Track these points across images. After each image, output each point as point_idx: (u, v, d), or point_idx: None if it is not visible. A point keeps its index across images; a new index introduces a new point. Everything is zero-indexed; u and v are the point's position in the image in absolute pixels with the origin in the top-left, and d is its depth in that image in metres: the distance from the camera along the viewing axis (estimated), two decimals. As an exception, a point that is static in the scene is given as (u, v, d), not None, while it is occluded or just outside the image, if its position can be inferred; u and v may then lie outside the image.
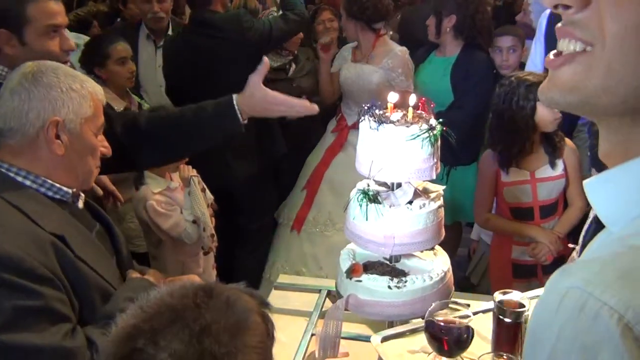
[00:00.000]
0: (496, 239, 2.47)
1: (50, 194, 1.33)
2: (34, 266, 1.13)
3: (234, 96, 1.69)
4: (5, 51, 1.72)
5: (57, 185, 1.34)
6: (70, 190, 1.36)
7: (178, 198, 2.36)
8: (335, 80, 3.10)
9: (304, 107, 1.73)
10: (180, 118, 1.75)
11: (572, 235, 2.18)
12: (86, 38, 3.11)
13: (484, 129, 2.50)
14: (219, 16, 2.73)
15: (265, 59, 1.74)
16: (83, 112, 1.33)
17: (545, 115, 2.10)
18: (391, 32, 3.24)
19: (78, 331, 1.19)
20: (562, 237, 2.21)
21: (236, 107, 1.68)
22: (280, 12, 2.94)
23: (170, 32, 3.19)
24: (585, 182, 0.60)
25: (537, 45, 2.80)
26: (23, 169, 1.30)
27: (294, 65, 3.36)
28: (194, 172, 2.44)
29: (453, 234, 2.91)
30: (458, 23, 2.82)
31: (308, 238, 3.02)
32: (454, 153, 2.69)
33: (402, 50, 2.92)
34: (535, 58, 2.82)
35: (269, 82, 1.93)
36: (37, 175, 1.31)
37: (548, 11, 2.66)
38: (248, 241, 3.00)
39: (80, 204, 1.44)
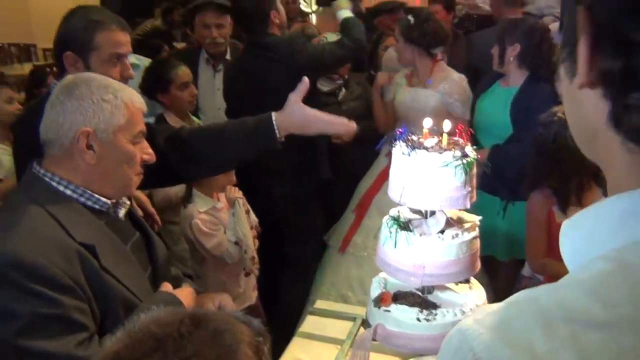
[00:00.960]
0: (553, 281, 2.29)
1: (89, 203, 1.37)
2: (57, 275, 1.17)
3: (273, 114, 1.73)
4: (70, 72, 1.83)
5: (96, 195, 1.37)
6: (108, 201, 1.40)
7: (223, 218, 2.40)
8: (390, 109, 3.09)
9: (342, 124, 1.74)
10: (221, 132, 1.80)
11: None
12: (141, 58, 3.25)
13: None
14: (273, 39, 2.78)
15: (305, 78, 1.77)
16: (115, 121, 1.35)
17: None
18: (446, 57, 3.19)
19: (94, 341, 1.21)
20: None
21: (274, 123, 1.71)
22: (338, 37, 2.94)
23: (228, 57, 3.29)
24: (563, 222, 0.59)
25: None
26: (64, 178, 1.35)
27: (343, 90, 3.37)
28: (239, 193, 2.48)
29: (509, 270, 2.78)
30: (522, 52, 2.72)
31: (356, 261, 2.98)
32: (511, 187, 2.59)
33: (460, 77, 2.87)
34: None
35: (319, 106, 1.96)
36: (77, 185, 1.35)
37: None
38: (292, 265, 3.00)
39: (122, 214, 1.47)
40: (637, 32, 0.47)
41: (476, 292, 1.47)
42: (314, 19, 5.95)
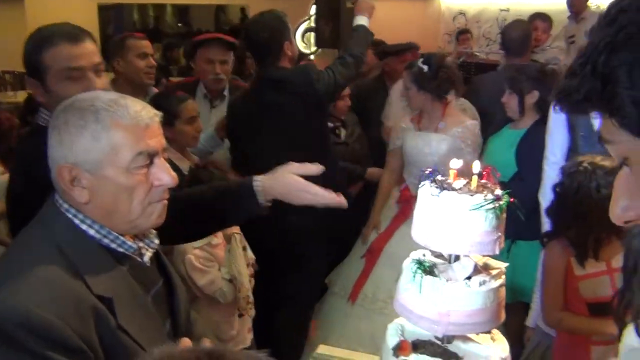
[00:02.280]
0: (566, 338, 2.18)
1: (113, 246, 1.20)
2: (69, 337, 1.03)
3: (257, 178, 1.59)
4: (39, 99, 1.75)
5: (122, 238, 1.21)
6: (135, 245, 1.24)
7: (219, 255, 2.32)
8: (398, 155, 3.04)
9: (332, 199, 1.58)
10: (201, 198, 1.65)
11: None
12: None
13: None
14: (287, 72, 2.75)
15: (319, 166, 1.61)
16: (99, 148, 1.15)
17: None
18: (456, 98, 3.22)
19: None
20: None
21: (257, 189, 1.57)
22: (338, 58, 2.89)
23: (225, 93, 3.23)
24: None
25: (556, 133, 2.61)
26: (89, 217, 1.19)
27: (343, 130, 3.36)
28: (237, 229, 2.40)
29: (515, 315, 2.71)
30: (541, 98, 2.78)
31: (367, 315, 2.88)
32: (516, 226, 2.55)
33: (473, 124, 2.89)
34: (555, 148, 2.62)
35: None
36: (102, 225, 1.19)
37: None
38: (290, 306, 2.88)
39: (147, 257, 1.29)
40: None
41: (500, 344, 1.39)
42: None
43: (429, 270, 1.30)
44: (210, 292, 2.28)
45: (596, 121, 2.43)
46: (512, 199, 1.27)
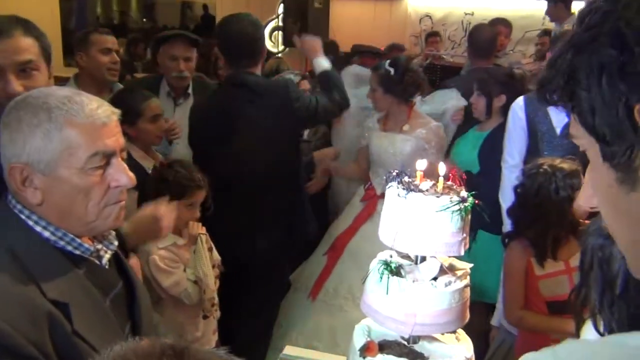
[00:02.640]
0: (527, 336, 2.24)
1: (69, 248, 1.16)
2: (20, 344, 0.98)
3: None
4: None
5: (78, 240, 1.16)
6: (92, 247, 1.20)
7: (184, 255, 2.27)
8: (364, 154, 3.06)
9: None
10: None
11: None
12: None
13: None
14: (263, 81, 2.63)
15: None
16: (52, 148, 1.10)
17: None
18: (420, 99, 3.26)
19: None
20: None
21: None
22: (320, 90, 2.76)
23: (190, 91, 3.17)
24: None
25: (515, 137, 2.70)
26: (43, 218, 1.13)
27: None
28: (203, 229, 2.36)
29: (477, 315, 2.76)
30: (507, 102, 2.85)
31: (327, 310, 2.88)
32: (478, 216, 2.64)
33: (437, 126, 2.93)
34: (514, 151, 2.72)
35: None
36: (58, 227, 1.14)
37: (522, 101, 2.67)
38: (255, 304, 2.84)
39: (105, 260, 1.25)
40: None
41: (464, 344, 1.41)
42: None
43: (395, 271, 1.31)
44: (176, 294, 2.24)
45: (558, 128, 2.51)
46: (477, 201, 1.29)
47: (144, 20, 8.25)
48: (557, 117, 2.53)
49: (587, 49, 0.56)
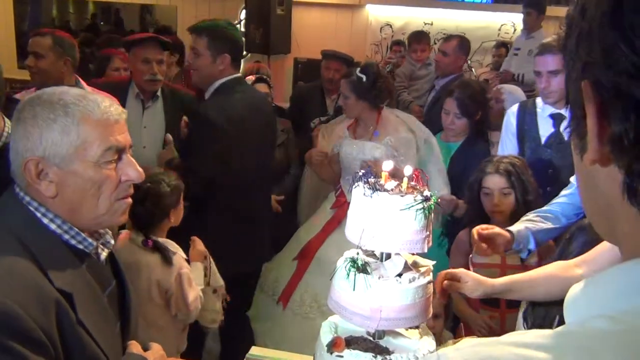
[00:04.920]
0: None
1: (73, 242, 1.20)
2: (30, 328, 1.01)
3: None
4: None
5: (83, 234, 1.21)
6: (94, 242, 1.25)
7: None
8: (334, 162, 3.10)
9: None
10: None
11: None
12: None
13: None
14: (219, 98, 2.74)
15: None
16: (68, 142, 1.15)
17: (485, 202, 2.31)
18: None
19: None
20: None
21: None
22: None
23: (158, 94, 3.14)
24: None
25: (507, 142, 2.82)
26: (51, 210, 1.18)
27: None
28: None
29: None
30: (481, 119, 3.04)
31: (293, 318, 2.90)
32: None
33: (407, 139, 2.95)
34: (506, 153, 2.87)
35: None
36: (64, 220, 1.18)
37: (516, 108, 2.78)
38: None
39: (103, 256, 1.30)
40: None
41: (427, 338, 1.47)
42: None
43: (362, 268, 1.35)
44: (195, 309, 2.16)
45: (543, 138, 2.62)
46: (439, 200, 1.35)
47: (102, 23, 8.12)
48: (544, 127, 2.63)
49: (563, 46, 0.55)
